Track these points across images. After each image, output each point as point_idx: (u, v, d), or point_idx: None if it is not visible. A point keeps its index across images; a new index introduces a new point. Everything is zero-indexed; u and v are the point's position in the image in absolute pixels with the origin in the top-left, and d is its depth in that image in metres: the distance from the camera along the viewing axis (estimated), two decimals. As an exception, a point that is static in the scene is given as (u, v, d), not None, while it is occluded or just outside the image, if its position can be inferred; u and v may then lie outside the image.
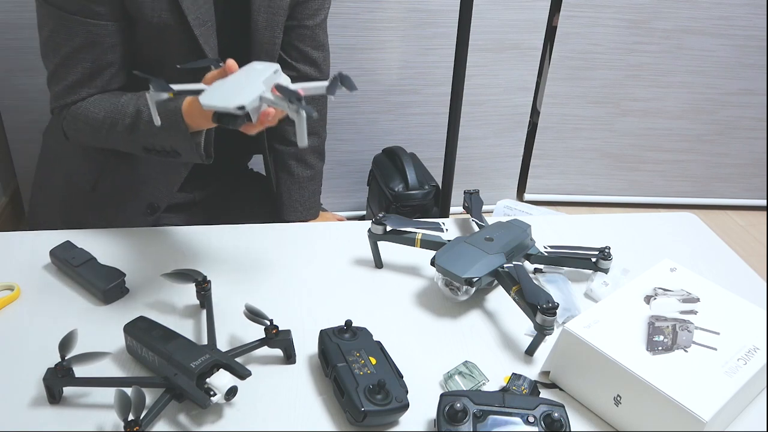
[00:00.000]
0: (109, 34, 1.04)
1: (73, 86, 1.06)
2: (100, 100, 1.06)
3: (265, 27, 1.14)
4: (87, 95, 1.07)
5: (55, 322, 0.88)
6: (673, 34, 2.20)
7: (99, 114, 1.05)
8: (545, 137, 2.37)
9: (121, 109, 1.04)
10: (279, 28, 1.16)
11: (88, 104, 1.06)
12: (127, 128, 1.04)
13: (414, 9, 2.00)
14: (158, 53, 1.09)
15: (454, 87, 1.58)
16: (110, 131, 1.05)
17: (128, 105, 1.04)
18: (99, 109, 1.05)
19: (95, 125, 1.06)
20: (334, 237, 1.10)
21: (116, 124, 1.04)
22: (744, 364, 0.76)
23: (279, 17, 1.15)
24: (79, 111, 1.07)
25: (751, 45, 2.24)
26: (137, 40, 1.08)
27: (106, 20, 1.02)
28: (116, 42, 1.06)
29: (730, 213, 2.53)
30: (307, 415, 0.77)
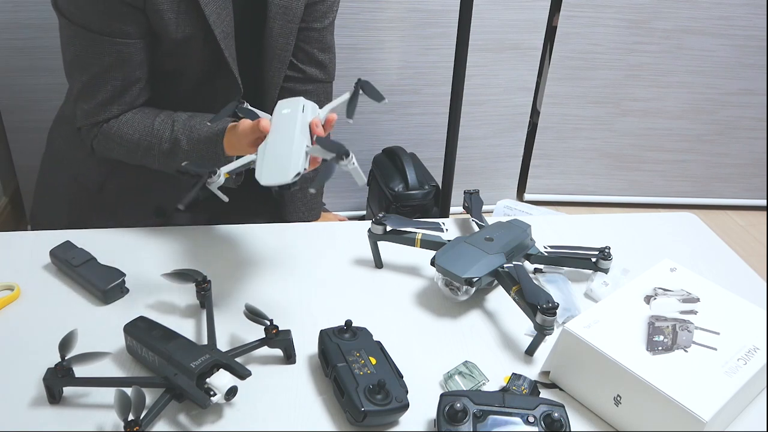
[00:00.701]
0: (137, 52, 1.05)
1: (104, 104, 1.07)
2: (133, 120, 1.07)
3: (279, 34, 1.15)
4: (118, 112, 1.08)
5: (55, 322, 0.88)
6: (673, 34, 2.20)
7: (134, 136, 1.06)
8: (545, 137, 2.37)
9: (157, 133, 1.05)
10: (293, 35, 1.16)
11: (121, 125, 1.07)
12: (164, 153, 1.05)
13: (414, 9, 2.00)
14: (179, 65, 1.10)
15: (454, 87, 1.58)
16: (146, 154, 1.07)
17: (164, 130, 1.05)
18: (133, 130, 1.06)
19: (130, 147, 1.07)
20: (334, 237, 1.10)
21: (152, 148, 1.06)
22: (744, 364, 0.76)
23: (293, 24, 1.16)
24: (111, 131, 1.08)
25: (751, 45, 2.24)
26: (159, 54, 1.08)
27: (134, 39, 1.03)
28: (143, 58, 1.06)
29: (730, 213, 2.53)
30: (307, 415, 0.77)
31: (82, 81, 1.06)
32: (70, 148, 1.20)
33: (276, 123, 0.86)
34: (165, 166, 1.08)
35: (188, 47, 1.06)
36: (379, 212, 1.22)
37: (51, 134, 1.27)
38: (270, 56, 1.16)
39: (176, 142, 1.03)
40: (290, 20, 1.15)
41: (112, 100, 1.07)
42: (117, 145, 1.08)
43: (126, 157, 1.11)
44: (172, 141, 1.04)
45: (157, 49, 1.07)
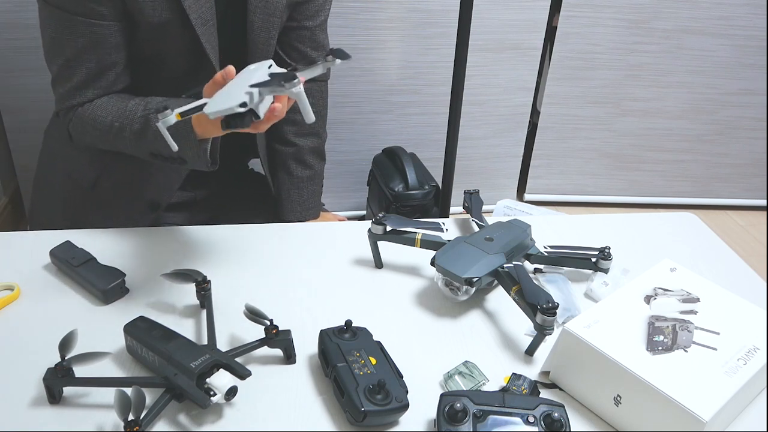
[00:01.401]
0: (112, 35, 1.04)
1: (78, 87, 1.06)
2: (108, 103, 1.07)
3: (260, 28, 1.14)
4: (93, 96, 1.07)
5: (55, 322, 0.88)
6: (673, 34, 2.20)
7: (107, 118, 1.06)
8: (545, 137, 2.37)
9: (129, 114, 1.04)
10: (275, 29, 1.16)
11: (95, 107, 1.07)
12: (135, 134, 1.04)
13: (414, 9, 2.00)
14: (159, 53, 1.09)
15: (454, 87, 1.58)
16: (118, 136, 1.06)
17: (136, 110, 1.04)
18: (107, 113, 1.06)
19: (103, 129, 1.06)
20: (334, 237, 1.10)
21: (124, 129, 1.04)
22: (744, 364, 0.76)
23: (275, 18, 1.15)
24: (86, 114, 1.07)
25: (751, 45, 2.24)
26: (138, 39, 1.08)
27: (108, 20, 1.02)
28: (119, 42, 1.06)
29: (730, 213, 2.53)
30: (307, 415, 0.77)
31: (58, 64, 1.06)
32: (64, 145, 1.20)
33: (240, 73, 0.85)
34: (137, 148, 1.06)
35: (166, 33, 1.06)
36: (379, 212, 1.22)
37: (47, 132, 1.27)
38: (252, 50, 1.16)
39: (147, 121, 1.02)
40: (271, 14, 1.14)
41: (86, 84, 1.06)
42: (91, 128, 1.08)
43: (100, 141, 1.10)
44: (143, 120, 1.03)
45: (135, 35, 1.07)
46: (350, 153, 2.22)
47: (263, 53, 1.17)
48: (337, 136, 2.17)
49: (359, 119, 2.16)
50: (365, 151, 2.20)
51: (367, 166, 2.15)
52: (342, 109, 2.12)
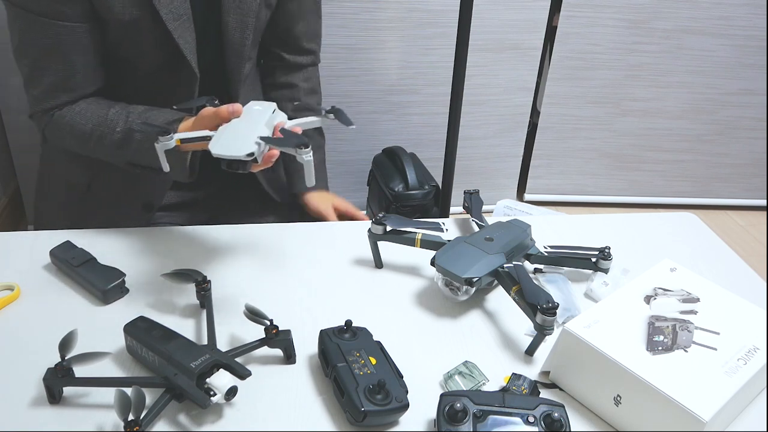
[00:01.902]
0: (80, 36, 1.02)
1: (51, 90, 1.05)
2: (87, 110, 1.06)
3: (235, 28, 1.13)
4: (67, 100, 1.06)
5: (55, 322, 0.88)
6: (673, 34, 2.20)
7: (86, 126, 1.05)
8: (545, 137, 2.37)
9: (110, 123, 1.03)
10: (249, 29, 1.15)
11: (74, 114, 1.06)
12: (115, 143, 1.04)
13: (414, 9, 2.00)
14: (133, 52, 1.08)
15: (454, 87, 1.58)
16: (98, 144, 1.05)
17: (118, 120, 1.03)
18: (86, 120, 1.05)
19: (82, 137, 1.06)
20: (334, 237, 1.10)
21: (104, 138, 1.04)
22: (744, 364, 0.76)
23: (249, 18, 1.14)
24: (63, 120, 1.06)
25: (751, 45, 2.24)
26: (110, 40, 1.06)
27: (74, 21, 1.01)
28: (87, 43, 1.04)
29: (730, 213, 2.53)
30: (307, 415, 0.77)
31: (27, 66, 1.05)
32: (58, 151, 1.20)
33: (246, 112, 0.89)
34: (116, 157, 1.06)
35: (137, 31, 1.04)
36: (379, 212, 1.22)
37: None
38: (228, 51, 1.15)
39: (129, 133, 1.02)
40: (245, 14, 1.13)
41: (57, 87, 1.05)
42: (68, 135, 1.07)
43: (77, 147, 1.09)
44: (125, 131, 1.02)
45: (105, 35, 1.05)
46: (350, 153, 2.22)
47: (238, 53, 1.16)
48: (337, 136, 2.17)
49: (359, 119, 2.16)
50: (365, 151, 2.20)
51: (367, 166, 2.15)
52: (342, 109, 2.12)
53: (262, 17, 1.18)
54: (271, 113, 0.90)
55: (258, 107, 0.90)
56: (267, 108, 0.91)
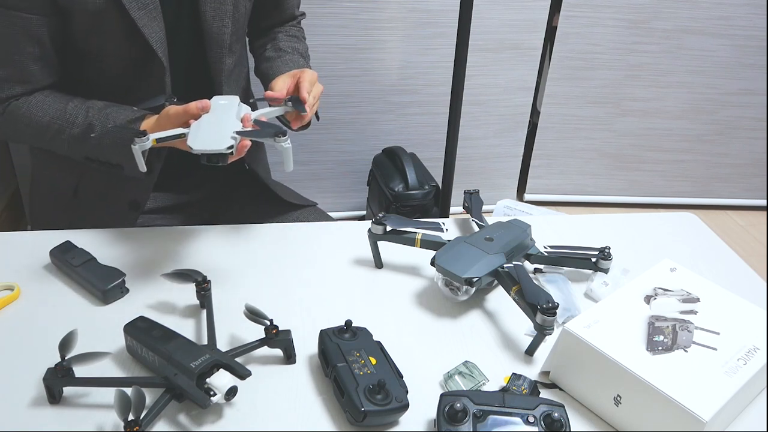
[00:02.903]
0: (36, 28, 1.01)
1: (4, 81, 1.04)
2: (44, 102, 1.04)
3: (213, 17, 1.12)
4: (23, 92, 1.05)
5: (55, 322, 0.88)
6: (673, 34, 2.20)
7: (43, 118, 1.04)
8: (545, 137, 2.37)
9: (69, 117, 1.03)
10: (228, 18, 1.13)
11: (30, 106, 1.04)
12: (74, 137, 1.03)
13: (414, 9, 2.00)
14: (97, 44, 1.06)
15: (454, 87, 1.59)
16: (55, 137, 1.04)
17: (77, 114, 1.03)
18: (44, 112, 1.04)
19: (38, 129, 1.05)
20: (334, 237, 1.10)
21: (62, 132, 1.03)
22: (744, 364, 0.76)
23: (227, 6, 1.13)
24: (19, 112, 1.05)
25: (751, 45, 2.24)
26: (75, 32, 1.05)
27: (31, 13, 0.99)
28: (44, 36, 1.02)
29: (730, 213, 2.53)
30: (307, 415, 0.77)
31: None
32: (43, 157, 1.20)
33: (213, 107, 0.92)
34: (73, 151, 1.06)
35: (103, 21, 1.02)
36: (379, 212, 1.22)
37: None
38: (209, 41, 1.14)
39: (89, 128, 1.01)
40: (222, 2, 1.12)
41: (11, 78, 1.04)
42: (25, 126, 1.05)
43: (33, 140, 1.08)
44: (84, 126, 1.02)
45: (70, 26, 1.04)
46: (350, 153, 2.22)
47: (218, 43, 1.14)
48: (337, 136, 2.17)
49: (359, 119, 2.16)
50: (365, 151, 2.20)
51: (367, 166, 2.15)
52: (342, 109, 2.13)
53: (241, 8, 1.16)
54: (237, 105, 0.93)
55: (223, 101, 0.94)
56: (232, 101, 0.94)
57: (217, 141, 0.84)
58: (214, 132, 0.86)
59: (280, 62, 1.25)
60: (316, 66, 1.25)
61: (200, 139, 0.84)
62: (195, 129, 0.87)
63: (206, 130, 0.87)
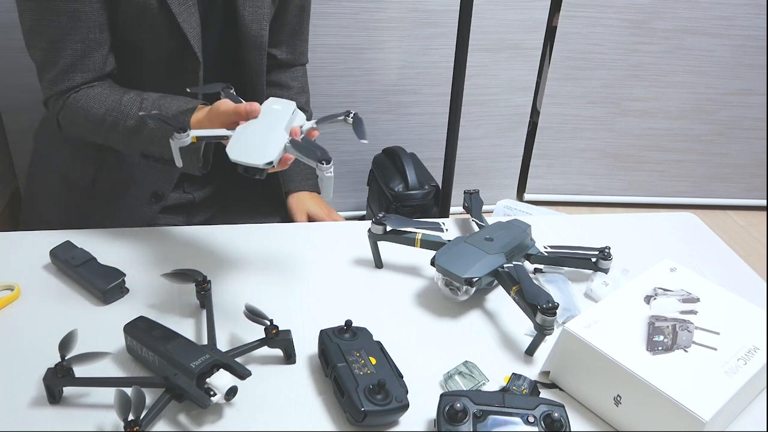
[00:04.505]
0: (94, 12, 1.02)
1: (67, 71, 1.05)
2: (101, 95, 1.05)
3: (251, 20, 1.14)
4: (82, 81, 1.06)
5: (55, 322, 0.88)
6: (673, 34, 2.20)
7: (100, 110, 1.04)
8: (545, 137, 2.37)
9: (124, 109, 1.03)
10: (266, 20, 1.16)
11: (88, 98, 1.05)
12: (129, 131, 1.03)
13: (414, 9, 2.00)
14: (139, 36, 1.08)
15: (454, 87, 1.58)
16: (110, 130, 1.05)
17: (131, 107, 1.03)
18: (100, 104, 1.05)
19: (95, 121, 1.05)
20: (334, 237, 1.10)
21: (117, 125, 1.03)
22: (744, 364, 0.76)
23: (263, 10, 1.15)
24: (78, 103, 1.06)
25: (751, 45, 2.24)
26: (118, 23, 1.06)
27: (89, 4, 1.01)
28: (102, 21, 1.04)
29: (730, 213, 2.53)
30: (307, 415, 0.77)
31: (42, 48, 1.04)
32: (57, 147, 1.20)
33: (264, 112, 0.86)
34: (129, 145, 1.06)
35: (145, 14, 1.04)
36: (379, 212, 1.22)
37: (37, 136, 1.26)
38: (247, 43, 1.16)
39: (143, 120, 1.01)
40: (259, 6, 1.14)
41: (74, 66, 1.05)
42: (83, 119, 1.06)
43: (90, 133, 1.09)
44: (137, 119, 1.02)
45: (116, 16, 1.06)
46: (350, 153, 2.22)
47: (257, 45, 1.17)
48: (337, 136, 2.16)
49: (359, 119, 2.16)
50: (365, 151, 2.20)
51: (367, 166, 2.15)
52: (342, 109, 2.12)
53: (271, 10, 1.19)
54: (291, 114, 0.86)
55: (277, 106, 0.87)
56: (287, 108, 0.87)
57: (257, 154, 0.78)
58: (258, 142, 0.80)
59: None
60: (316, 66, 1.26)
61: (240, 149, 0.78)
62: (238, 135, 0.81)
63: (249, 139, 0.80)
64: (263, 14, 1.15)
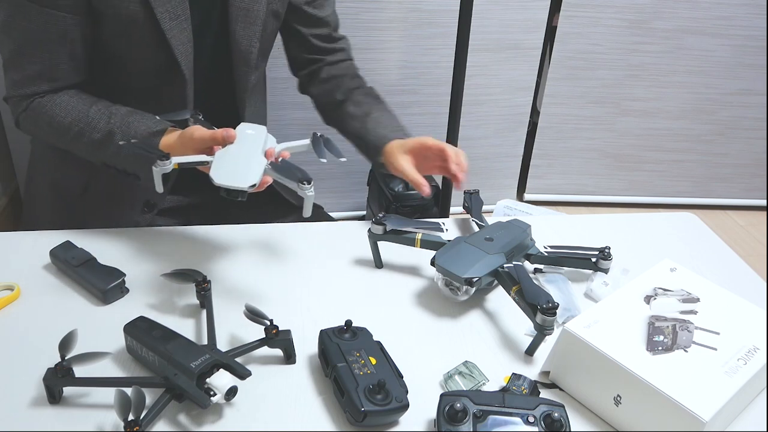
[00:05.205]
0: (69, 27, 1.01)
1: (33, 78, 1.04)
2: (68, 103, 1.04)
3: (242, 37, 1.13)
4: (48, 90, 1.05)
5: (55, 322, 0.88)
6: (673, 34, 2.20)
7: (66, 119, 1.04)
8: (545, 137, 2.37)
9: (91, 122, 1.03)
10: (256, 38, 1.14)
11: (54, 106, 1.04)
12: (94, 143, 1.03)
13: (414, 9, 2.00)
14: (124, 49, 1.06)
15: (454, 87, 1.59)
16: (75, 140, 1.04)
17: (99, 119, 1.03)
18: (66, 113, 1.04)
19: (60, 129, 1.05)
20: (334, 237, 1.10)
21: (83, 135, 1.03)
22: (744, 364, 0.76)
23: (255, 27, 1.13)
24: (43, 109, 1.05)
25: (751, 45, 2.24)
26: (104, 35, 1.05)
27: (65, 12, 0.99)
28: (75, 37, 1.02)
29: (730, 213, 2.53)
30: (307, 415, 0.77)
31: (11, 49, 1.03)
32: (49, 154, 1.19)
33: (240, 137, 0.90)
34: (92, 155, 1.06)
35: (133, 27, 1.03)
36: (379, 212, 1.22)
37: (32, 140, 1.26)
38: (236, 59, 1.15)
39: (110, 134, 1.01)
40: (252, 23, 1.13)
41: (41, 75, 1.04)
42: (46, 125, 1.05)
43: (53, 139, 1.08)
44: (106, 132, 1.02)
45: (101, 29, 1.04)
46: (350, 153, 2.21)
47: (246, 62, 1.15)
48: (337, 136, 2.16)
49: (359, 119, 2.16)
50: (365, 151, 2.19)
51: (367, 166, 2.15)
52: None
53: (269, 27, 1.18)
54: (264, 137, 0.92)
55: (251, 131, 0.92)
56: (260, 132, 0.92)
57: (241, 177, 0.83)
58: (239, 166, 0.85)
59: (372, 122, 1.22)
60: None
61: (224, 174, 0.83)
62: (219, 159, 0.86)
63: (231, 164, 0.85)
64: (255, 31, 1.13)
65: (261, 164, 0.86)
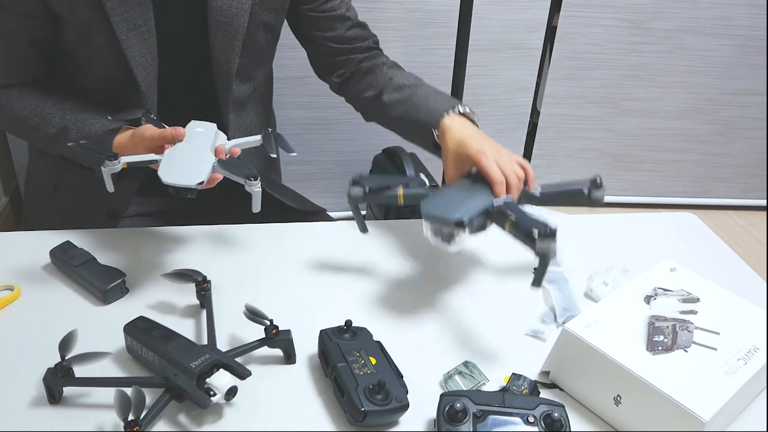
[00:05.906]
0: (26, 29, 1.01)
1: None
2: (24, 97, 1.05)
3: (222, 50, 1.11)
4: (4, 83, 1.06)
5: (55, 322, 0.88)
6: (673, 34, 2.20)
7: (22, 112, 1.05)
8: (545, 137, 2.37)
9: (46, 117, 1.03)
10: (235, 53, 1.12)
11: (9, 97, 1.05)
12: (49, 137, 1.04)
13: (414, 9, 2.00)
14: (84, 54, 1.06)
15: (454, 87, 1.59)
16: (31, 133, 1.06)
17: (54, 115, 1.03)
18: (22, 107, 1.05)
19: (17, 121, 1.06)
20: (334, 237, 1.10)
21: (39, 129, 1.04)
22: (744, 364, 0.76)
23: (236, 41, 1.11)
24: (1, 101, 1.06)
25: (751, 45, 2.24)
26: (65, 38, 1.04)
27: (20, 14, 0.99)
28: (33, 38, 1.03)
29: (730, 213, 2.53)
30: (307, 415, 0.77)
31: None
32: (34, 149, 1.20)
33: (189, 135, 0.91)
34: (49, 148, 1.07)
35: (90, 34, 1.01)
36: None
37: None
38: (217, 72, 1.13)
39: (64, 130, 1.02)
40: (232, 37, 1.10)
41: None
42: (4, 117, 1.07)
43: (10, 130, 1.10)
44: (60, 128, 1.02)
45: (62, 32, 1.03)
46: (350, 153, 2.22)
47: (224, 75, 1.13)
48: (337, 136, 2.17)
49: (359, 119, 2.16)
50: (365, 151, 2.19)
51: (367, 166, 2.15)
52: (342, 109, 2.12)
53: (260, 40, 1.15)
54: (214, 135, 0.93)
55: (200, 129, 0.93)
56: (209, 129, 0.93)
57: (188, 175, 0.84)
58: (187, 164, 0.86)
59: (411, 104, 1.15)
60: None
61: (171, 172, 0.84)
62: (167, 158, 0.87)
63: (179, 162, 0.86)
64: (234, 45, 1.11)
65: (209, 162, 0.87)
